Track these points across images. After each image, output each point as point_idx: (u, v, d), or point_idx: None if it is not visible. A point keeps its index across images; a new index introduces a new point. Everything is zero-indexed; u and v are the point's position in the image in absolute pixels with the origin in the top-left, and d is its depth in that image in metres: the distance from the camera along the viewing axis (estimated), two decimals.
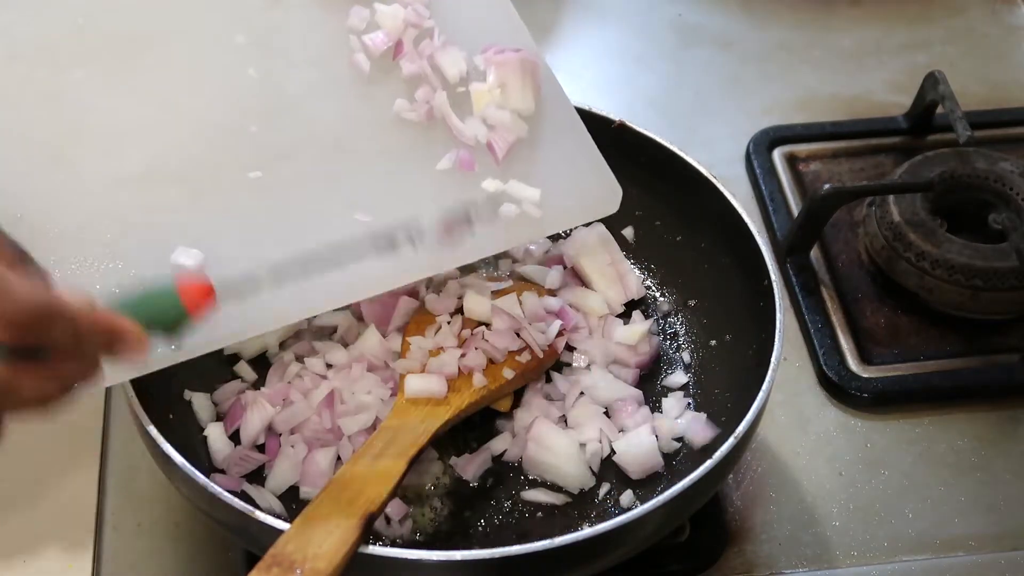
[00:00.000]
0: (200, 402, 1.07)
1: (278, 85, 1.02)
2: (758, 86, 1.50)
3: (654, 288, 1.20)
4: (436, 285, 1.12)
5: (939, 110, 1.36)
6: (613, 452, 1.06)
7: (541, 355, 1.08)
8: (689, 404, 1.10)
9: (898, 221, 1.25)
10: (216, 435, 1.05)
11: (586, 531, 0.90)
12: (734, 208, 1.10)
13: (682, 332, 1.17)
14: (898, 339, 1.23)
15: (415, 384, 1.03)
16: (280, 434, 1.05)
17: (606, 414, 1.08)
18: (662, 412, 1.09)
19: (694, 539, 1.07)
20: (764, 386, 0.97)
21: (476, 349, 1.06)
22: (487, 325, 1.08)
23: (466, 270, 1.14)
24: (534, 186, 1.04)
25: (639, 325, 1.14)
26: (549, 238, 1.18)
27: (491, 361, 1.06)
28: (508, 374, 1.06)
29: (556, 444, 1.05)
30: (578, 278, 1.17)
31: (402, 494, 1.02)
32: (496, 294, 1.10)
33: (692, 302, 1.18)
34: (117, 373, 0.92)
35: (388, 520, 1.00)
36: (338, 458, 1.03)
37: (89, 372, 0.77)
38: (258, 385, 1.09)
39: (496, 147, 1.04)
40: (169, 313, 0.81)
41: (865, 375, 1.19)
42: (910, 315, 1.25)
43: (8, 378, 0.71)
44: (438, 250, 1.00)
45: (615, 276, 1.16)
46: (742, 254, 1.09)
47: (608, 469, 1.06)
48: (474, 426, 1.07)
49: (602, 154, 1.13)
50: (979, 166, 1.29)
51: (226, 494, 0.91)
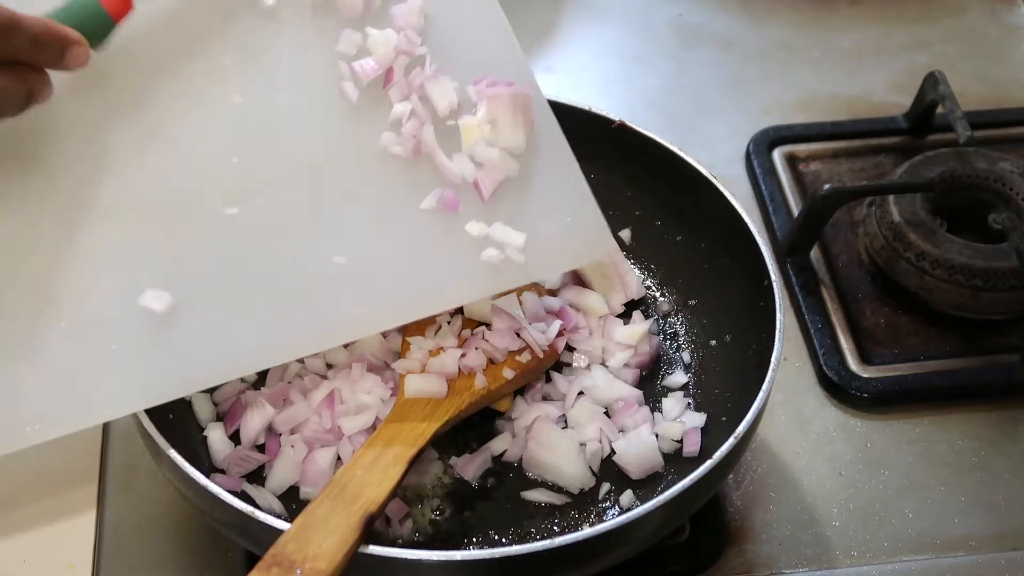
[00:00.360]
0: (200, 402, 1.07)
1: (262, 113, 0.98)
2: (758, 86, 1.50)
3: (654, 288, 1.20)
4: None
5: (939, 110, 1.37)
6: (613, 452, 1.06)
7: (541, 355, 1.08)
8: (689, 404, 1.11)
9: (898, 221, 1.25)
10: (216, 435, 1.05)
11: (586, 531, 0.90)
12: (734, 208, 1.10)
13: (682, 332, 1.17)
14: (898, 339, 1.23)
15: (415, 384, 1.03)
16: (280, 434, 1.05)
17: (606, 414, 1.09)
18: (662, 412, 1.10)
19: (694, 539, 1.07)
20: (764, 386, 0.97)
21: (476, 349, 1.06)
22: (487, 325, 1.08)
23: None
24: (520, 229, 1.00)
25: (639, 325, 1.14)
26: None
27: (491, 361, 1.06)
28: (508, 374, 1.06)
29: (556, 444, 1.05)
30: (578, 278, 1.17)
31: (402, 494, 1.02)
32: (496, 294, 1.10)
33: (692, 302, 1.18)
34: (135, 402, 0.95)
35: (388, 520, 1.00)
36: (338, 458, 1.04)
37: (45, 83, 0.84)
38: (258, 385, 1.09)
39: (482, 187, 1.00)
40: (95, 20, 0.89)
41: (865, 375, 1.19)
42: (910, 315, 1.25)
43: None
44: (413, 299, 0.98)
45: (615, 276, 1.16)
46: (742, 254, 1.09)
47: (608, 469, 1.06)
48: (474, 426, 1.07)
49: (602, 154, 1.14)
50: (979, 166, 1.29)
51: (226, 494, 0.91)
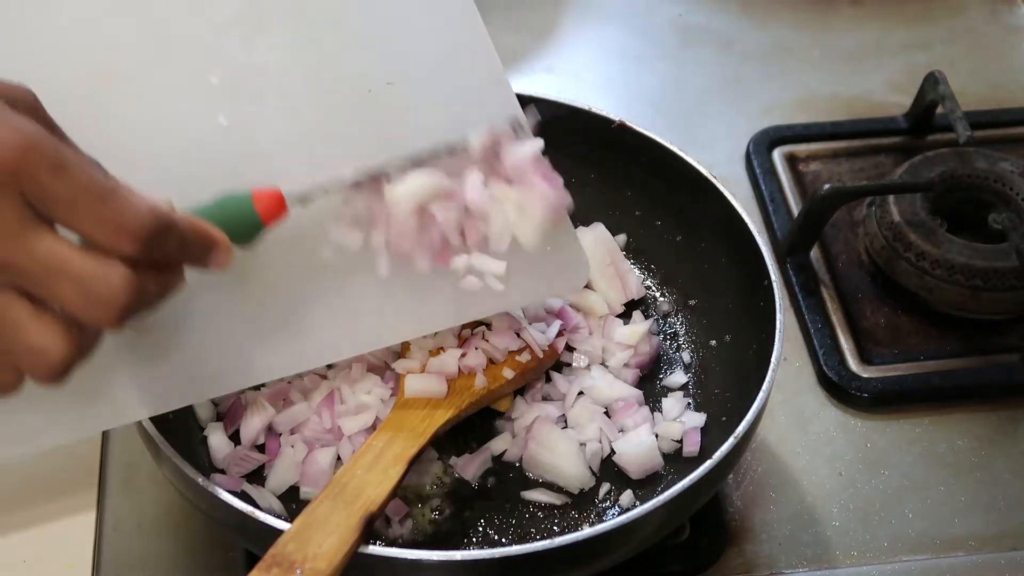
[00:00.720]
0: (200, 402, 1.07)
1: (248, 135, 0.95)
2: (758, 86, 1.50)
3: (654, 288, 1.20)
4: None
5: (939, 110, 1.36)
6: (613, 452, 1.06)
7: (541, 355, 1.08)
8: (689, 404, 1.10)
9: (898, 221, 1.25)
10: (216, 435, 1.05)
11: (586, 531, 0.90)
12: (734, 208, 1.10)
13: (682, 332, 1.17)
14: (898, 339, 1.23)
15: (415, 384, 1.03)
16: (280, 434, 1.05)
17: (606, 414, 1.08)
18: (662, 412, 1.09)
19: (694, 539, 1.07)
20: (764, 386, 0.97)
21: (476, 349, 1.06)
22: (487, 325, 1.08)
23: None
24: (500, 258, 0.97)
25: (639, 325, 1.14)
26: None
27: (491, 361, 1.06)
28: (508, 374, 1.06)
29: (556, 444, 1.05)
30: None
31: (402, 494, 1.02)
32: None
33: (692, 302, 1.18)
34: (138, 410, 0.94)
35: (388, 520, 1.00)
36: (338, 458, 1.04)
37: (181, 279, 0.80)
38: (258, 385, 1.09)
39: (470, 239, 0.97)
40: (244, 221, 0.84)
41: (865, 375, 1.19)
42: (910, 315, 1.25)
43: (140, 284, 0.74)
44: (393, 324, 0.98)
45: (615, 276, 1.16)
46: (742, 254, 1.09)
47: (608, 469, 1.06)
48: (474, 426, 1.07)
49: (602, 154, 1.14)
50: (979, 166, 1.29)
51: (226, 494, 0.91)
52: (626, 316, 1.16)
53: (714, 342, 1.14)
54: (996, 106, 1.46)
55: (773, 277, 1.05)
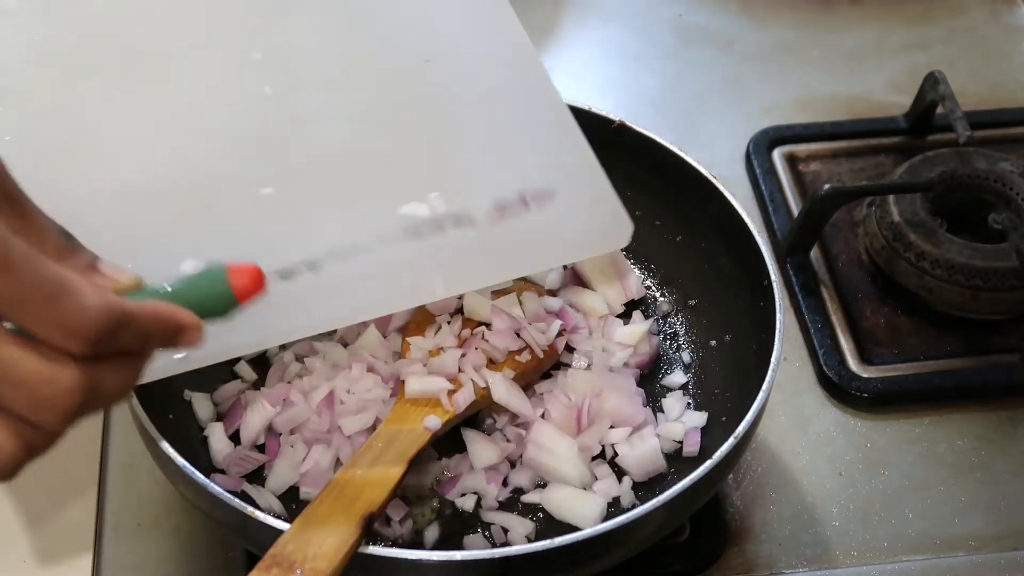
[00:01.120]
0: (200, 402, 1.07)
1: (293, 104, 1.01)
2: (758, 86, 1.50)
3: (654, 288, 1.20)
4: None
5: (939, 110, 1.36)
6: (615, 453, 1.06)
7: (541, 355, 1.08)
8: (689, 404, 1.10)
9: (898, 221, 1.25)
10: (216, 435, 1.05)
11: (586, 531, 0.90)
12: (734, 208, 1.10)
13: (682, 332, 1.17)
14: (898, 339, 1.23)
15: (415, 384, 1.03)
16: (280, 434, 1.05)
17: (607, 416, 1.08)
18: (663, 412, 1.09)
19: (694, 539, 1.07)
20: (764, 386, 0.97)
21: (476, 349, 1.06)
22: (487, 325, 1.08)
23: None
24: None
25: (639, 325, 1.14)
26: None
27: (491, 361, 1.06)
28: (508, 374, 1.06)
29: (555, 445, 1.05)
30: (578, 278, 1.17)
31: (402, 494, 1.02)
32: (496, 294, 1.10)
33: (692, 302, 1.18)
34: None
35: (388, 520, 1.00)
36: (338, 458, 1.04)
37: (146, 362, 0.77)
38: (258, 385, 1.09)
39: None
40: (219, 300, 0.79)
41: (865, 375, 1.19)
42: (910, 315, 1.25)
43: (93, 382, 0.71)
44: (452, 275, 0.99)
45: (615, 276, 1.16)
46: (742, 254, 1.09)
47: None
48: (474, 426, 1.07)
49: (602, 154, 1.13)
50: (979, 166, 1.29)
51: (226, 494, 0.91)
52: (626, 316, 1.16)
53: (714, 342, 1.14)
54: (996, 106, 1.46)
55: (773, 277, 1.05)
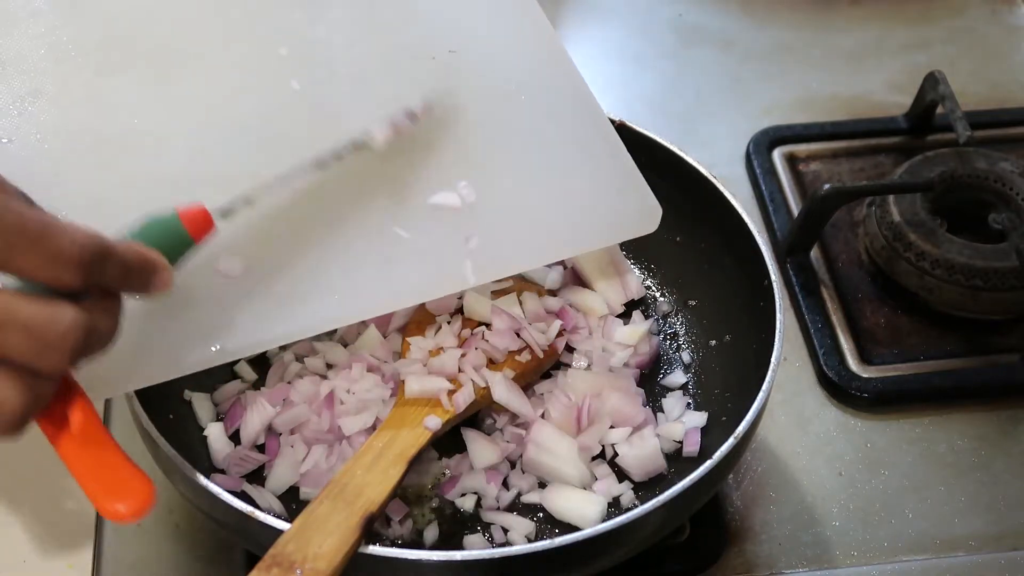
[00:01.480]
0: (200, 402, 1.07)
1: (320, 97, 1.01)
2: (758, 86, 1.50)
3: (654, 288, 1.20)
4: None
5: (939, 110, 1.37)
6: (615, 453, 1.06)
7: (541, 355, 1.08)
8: (689, 404, 1.10)
9: (898, 221, 1.25)
10: (216, 435, 1.05)
11: (586, 531, 0.90)
12: (734, 208, 1.10)
13: (682, 332, 1.17)
14: (898, 339, 1.23)
15: (415, 384, 1.03)
16: (280, 434, 1.05)
17: (607, 416, 1.08)
18: (663, 412, 1.09)
19: (694, 539, 1.07)
20: (764, 386, 0.97)
21: (476, 349, 1.06)
22: (487, 325, 1.08)
23: None
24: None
25: (639, 325, 1.14)
26: None
27: (491, 361, 1.06)
28: (508, 374, 1.06)
29: (555, 445, 1.05)
30: (578, 278, 1.17)
31: (402, 494, 1.02)
32: (496, 294, 1.10)
33: (692, 302, 1.18)
34: (132, 382, 0.93)
35: (388, 520, 1.00)
36: (338, 458, 1.03)
37: (121, 306, 0.79)
38: (258, 385, 1.09)
39: None
40: (174, 240, 0.84)
41: (865, 375, 1.19)
42: (910, 315, 1.25)
43: (89, 320, 0.73)
44: (478, 264, 0.99)
45: (615, 276, 1.16)
46: (742, 254, 1.09)
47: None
48: (474, 426, 1.07)
49: None
50: (979, 166, 1.29)
51: (226, 494, 0.91)
52: (626, 316, 1.16)
53: (714, 342, 1.14)
54: (996, 106, 1.47)
55: (773, 277, 1.05)
